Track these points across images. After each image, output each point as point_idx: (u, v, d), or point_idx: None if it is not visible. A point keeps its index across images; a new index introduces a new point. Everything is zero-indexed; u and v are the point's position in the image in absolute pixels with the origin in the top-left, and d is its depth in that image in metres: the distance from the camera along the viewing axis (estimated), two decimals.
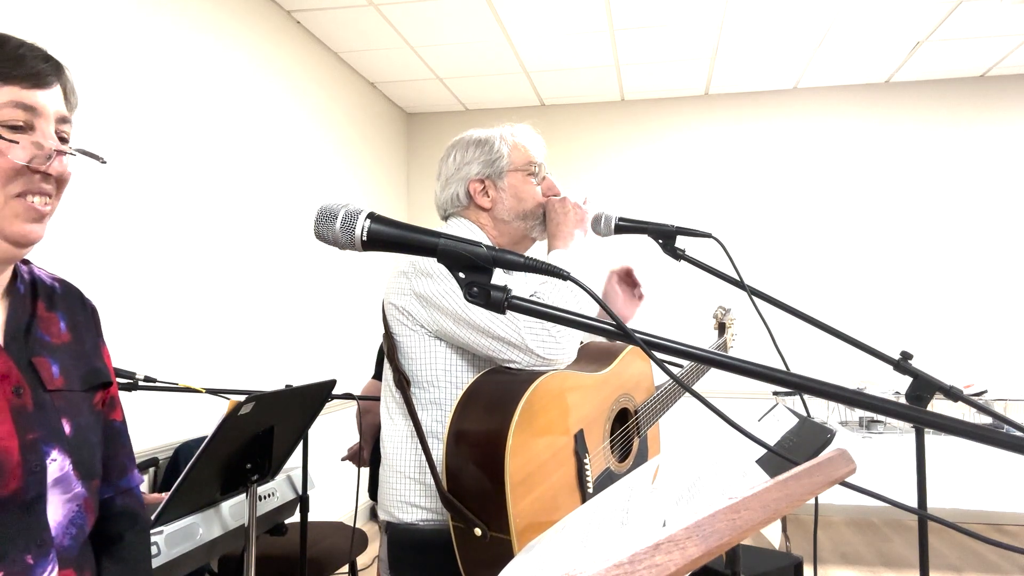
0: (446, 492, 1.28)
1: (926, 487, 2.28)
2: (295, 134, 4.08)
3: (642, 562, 0.44)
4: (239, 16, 3.55)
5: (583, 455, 1.39)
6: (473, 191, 1.51)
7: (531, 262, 0.75)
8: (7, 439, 0.80)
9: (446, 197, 1.54)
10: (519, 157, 1.53)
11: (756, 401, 3.10)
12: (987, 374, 4.76)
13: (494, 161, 1.51)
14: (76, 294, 1.04)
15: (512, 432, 1.22)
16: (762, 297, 1.24)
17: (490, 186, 1.51)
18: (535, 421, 1.28)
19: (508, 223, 1.52)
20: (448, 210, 1.56)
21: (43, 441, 0.84)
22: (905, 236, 5.04)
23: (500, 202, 1.51)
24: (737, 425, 0.73)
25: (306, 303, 4.16)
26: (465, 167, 1.52)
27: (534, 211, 1.53)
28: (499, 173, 1.51)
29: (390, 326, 1.46)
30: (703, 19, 4.07)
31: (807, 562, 2.99)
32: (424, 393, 1.42)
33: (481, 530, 1.23)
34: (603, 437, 1.52)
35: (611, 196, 5.39)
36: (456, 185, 1.52)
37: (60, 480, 0.86)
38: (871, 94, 5.15)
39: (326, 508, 4.19)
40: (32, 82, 0.85)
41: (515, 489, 1.21)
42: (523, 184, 1.52)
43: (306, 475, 2.30)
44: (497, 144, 1.52)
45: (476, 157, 1.51)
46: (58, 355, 0.93)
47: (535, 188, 1.54)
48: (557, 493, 1.32)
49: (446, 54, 4.55)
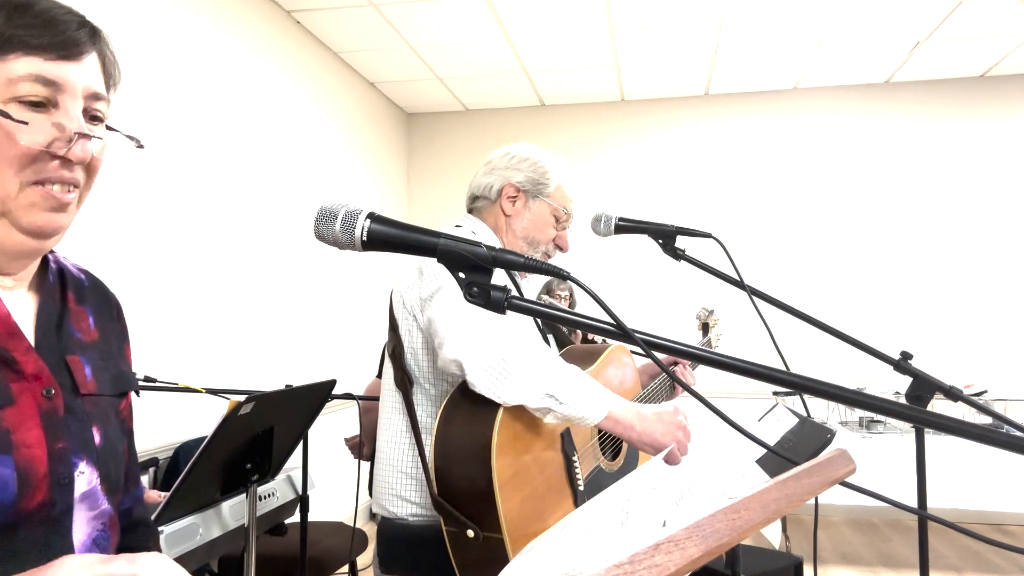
0: (436, 495, 1.29)
1: (926, 487, 2.28)
2: (295, 134, 4.08)
3: (642, 562, 0.44)
4: (239, 16, 3.54)
5: (571, 453, 1.40)
6: (506, 193, 1.56)
7: (531, 262, 0.75)
8: (35, 447, 0.72)
9: (481, 183, 1.59)
10: (560, 197, 1.59)
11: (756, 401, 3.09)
12: (987, 374, 4.75)
13: (538, 182, 1.57)
14: (102, 287, 0.95)
15: (496, 432, 1.23)
16: (762, 297, 1.24)
17: (521, 199, 1.57)
18: (519, 420, 1.29)
19: (516, 239, 1.58)
20: (476, 196, 1.61)
21: (72, 451, 0.76)
22: (905, 236, 5.04)
23: (520, 218, 1.57)
24: (737, 425, 0.73)
25: (306, 303, 4.16)
26: (513, 169, 1.57)
27: (539, 244, 1.59)
28: (535, 194, 1.57)
29: (396, 322, 1.47)
30: (703, 19, 4.07)
31: (807, 562, 2.99)
32: (423, 392, 1.43)
33: (473, 531, 1.23)
34: (591, 435, 1.52)
35: (611, 196, 5.39)
36: (496, 178, 1.57)
37: (87, 495, 0.78)
38: (871, 94, 5.14)
39: (326, 508, 4.19)
40: (59, 52, 0.73)
41: (503, 487, 1.22)
42: (546, 218, 1.58)
43: (306, 475, 2.30)
44: (551, 172, 1.58)
45: (528, 169, 1.57)
46: (89, 354, 0.84)
47: (551, 230, 1.60)
48: (547, 492, 1.32)
49: (446, 54, 4.55)
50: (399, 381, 1.44)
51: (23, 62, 0.72)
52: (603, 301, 0.72)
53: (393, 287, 1.51)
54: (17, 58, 0.72)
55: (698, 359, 0.70)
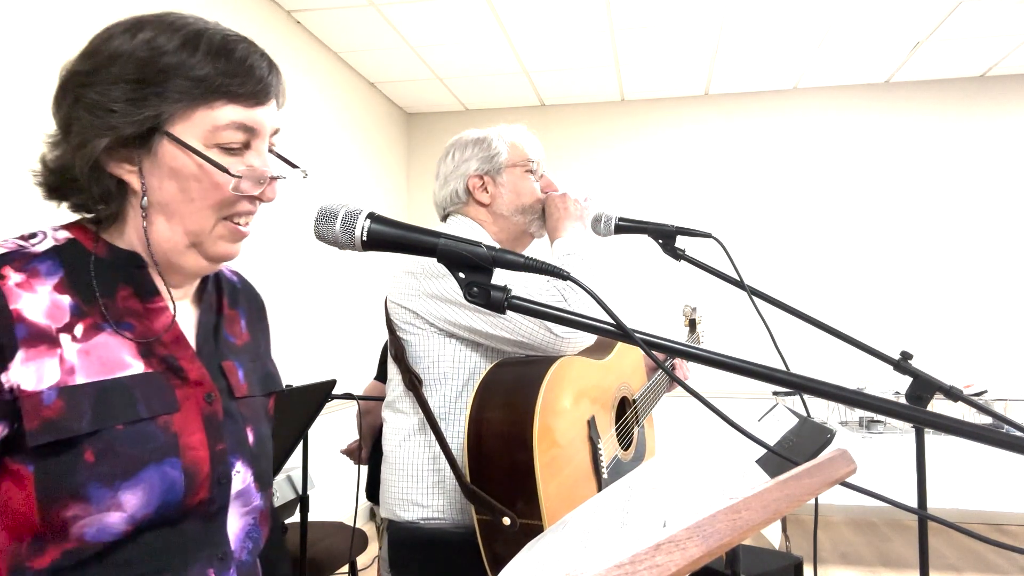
0: (469, 483, 1.27)
1: (926, 487, 2.28)
2: (295, 134, 4.08)
3: (643, 562, 0.44)
4: (239, 16, 3.55)
5: (597, 441, 1.40)
6: (472, 187, 1.53)
7: (531, 262, 0.75)
8: (199, 448, 0.78)
9: (445, 194, 1.56)
10: (516, 154, 1.56)
11: (756, 401, 3.09)
12: (987, 374, 4.75)
13: (492, 157, 1.54)
14: (251, 289, 1.02)
15: (538, 414, 1.23)
16: (762, 297, 1.24)
17: (489, 182, 1.53)
18: (555, 405, 1.29)
19: (507, 218, 1.54)
20: (447, 208, 1.58)
21: (230, 452, 0.82)
22: (905, 236, 5.04)
23: (499, 197, 1.53)
24: (737, 425, 0.73)
25: (306, 303, 4.16)
26: (464, 164, 1.54)
27: (533, 206, 1.56)
28: (497, 169, 1.54)
29: (396, 328, 1.46)
30: (703, 19, 4.07)
31: (807, 562, 2.99)
32: (434, 390, 1.42)
33: (510, 519, 1.22)
34: (610, 424, 1.53)
35: (611, 196, 5.39)
36: (455, 182, 1.55)
37: (242, 493, 0.84)
38: (871, 94, 5.14)
39: (326, 508, 4.19)
40: (256, 99, 0.78)
41: (543, 471, 1.21)
42: (521, 179, 1.55)
43: (306, 475, 2.30)
44: (495, 141, 1.55)
45: (475, 154, 1.54)
46: (241, 357, 0.91)
47: (533, 184, 1.57)
48: (577, 479, 1.32)
49: (446, 54, 4.55)
50: (408, 382, 1.43)
51: (227, 110, 0.76)
52: (603, 301, 0.72)
53: (386, 296, 1.50)
54: (223, 106, 0.76)
55: (698, 359, 0.70)
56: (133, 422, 0.74)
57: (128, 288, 0.79)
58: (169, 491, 0.75)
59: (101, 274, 0.78)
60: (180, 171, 0.76)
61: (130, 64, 0.74)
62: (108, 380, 0.74)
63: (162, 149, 0.76)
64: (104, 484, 0.71)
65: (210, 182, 0.77)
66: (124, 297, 0.79)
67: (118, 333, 0.77)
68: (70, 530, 0.71)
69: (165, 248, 0.79)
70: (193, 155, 0.76)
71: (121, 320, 0.78)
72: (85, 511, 0.71)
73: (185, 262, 0.81)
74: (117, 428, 0.73)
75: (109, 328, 0.76)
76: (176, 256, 0.80)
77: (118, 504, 0.72)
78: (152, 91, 0.74)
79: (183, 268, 0.82)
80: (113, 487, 0.71)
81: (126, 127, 0.74)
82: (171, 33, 0.76)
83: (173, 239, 0.79)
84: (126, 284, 0.79)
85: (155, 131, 0.75)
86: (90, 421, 0.71)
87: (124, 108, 0.74)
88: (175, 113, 0.75)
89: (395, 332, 1.46)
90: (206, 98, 0.75)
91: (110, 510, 0.71)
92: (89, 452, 0.71)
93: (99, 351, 0.75)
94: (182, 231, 0.79)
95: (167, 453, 0.75)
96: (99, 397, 0.73)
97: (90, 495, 0.71)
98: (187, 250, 0.80)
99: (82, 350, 0.74)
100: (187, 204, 0.77)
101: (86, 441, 0.71)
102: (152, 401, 0.76)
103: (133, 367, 0.76)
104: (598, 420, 1.44)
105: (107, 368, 0.75)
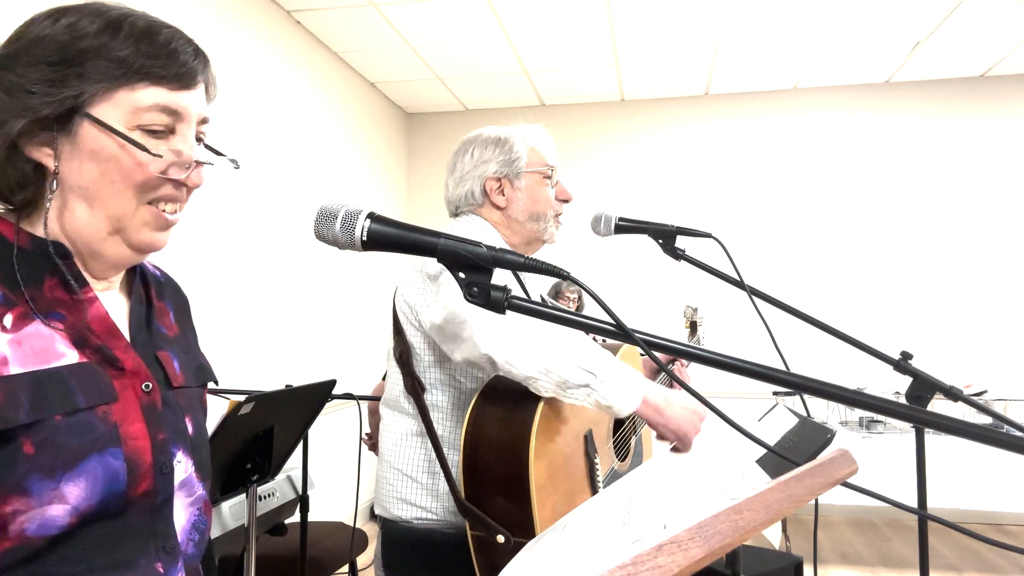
0: (463, 499, 1.26)
1: (926, 487, 2.28)
2: (295, 134, 4.08)
3: (645, 563, 0.44)
4: (239, 16, 3.54)
5: (593, 455, 1.39)
6: (489, 189, 1.52)
7: (531, 262, 0.75)
8: (140, 438, 0.77)
9: (460, 193, 1.55)
10: (536, 159, 1.55)
11: (756, 401, 3.09)
12: (987, 374, 4.75)
13: (512, 161, 1.52)
14: (175, 284, 1.01)
15: (534, 434, 1.22)
16: (762, 297, 1.24)
17: (506, 185, 1.52)
18: (552, 423, 1.28)
19: (521, 223, 1.53)
20: (460, 207, 1.56)
21: (171, 441, 0.81)
22: (905, 236, 5.04)
23: (515, 202, 1.52)
24: (737, 425, 0.73)
25: (306, 303, 4.16)
26: (483, 165, 1.53)
27: (546, 213, 1.55)
28: (516, 173, 1.52)
29: (402, 326, 1.45)
30: (703, 19, 4.07)
31: (807, 562, 2.99)
32: (435, 396, 1.41)
33: (504, 536, 1.21)
34: (607, 437, 1.52)
35: (611, 196, 5.39)
36: (472, 182, 1.53)
37: (185, 483, 0.83)
38: (871, 94, 5.14)
39: (326, 508, 4.19)
40: (181, 83, 0.78)
41: (539, 492, 1.20)
42: (539, 186, 1.54)
43: (306, 475, 2.30)
44: (516, 145, 1.53)
45: (495, 156, 1.52)
46: (174, 348, 0.90)
47: (549, 191, 1.56)
48: (574, 495, 1.31)
49: (446, 54, 4.54)
50: (410, 387, 1.41)
51: (150, 92, 0.76)
52: (603, 301, 0.72)
53: (396, 289, 1.49)
54: (145, 88, 0.76)
55: (699, 359, 0.70)
56: (72, 412, 0.73)
57: (54, 279, 0.78)
58: (113, 481, 0.74)
59: (25, 266, 0.76)
60: (100, 153, 0.75)
61: (51, 47, 0.74)
62: (43, 370, 0.73)
63: (83, 131, 0.75)
64: (46, 476, 0.70)
65: (132, 161, 0.76)
66: (51, 287, 0.78)
67: (48, 324, 0.75)
68: (9, 527, 0.69)
69: (86, 236, 0.78)
70: (114, 136, 0.75)
71: (50, 311, 0.76)
72: (26, 505, 0.69)
73: (107, 250, 0.79)
74: (56, 418, 0.72)
75: (39, 319, 0.75)
76: (98, 244, 0.79)
77: (61, 496, 0.71)
78: (72, 72, 0.74)
79: (106, 257, 0.80)
80: (55, 478, 0.70)
81: (44, 107, 0.74)
82: (93, 17, 0.76)
83: (94, 225, 0.78)
84: (52, 275, 0.78)
85: (75, 112, 0.75)
86: (28, 411, 0.70)
87: (43, 89, 0.74)
88: (96, 94, 0.75)
89: (402, 334, 1.45)
90: (128, 79, 0.75)
91: (52, 503, 0.70)
92: (28, 444, 0.70)
93: (31, 341, 0.73)
94: (103, 216, 0.77)
95: (109, 443, 0.74)
96: (35, 387, 0.71)
97: (31, 488, 0.70)
98: (109, 237, 0.79)
99: (13, 340, 0.72)
100: (108, 186, 0.76)
101: (24, 433, 0.70)
102: (90, 391, 0.75)
103: (68, 356, 0.75)
104: (595, 433, 1.43)
105: (41, 358, 0.73)
